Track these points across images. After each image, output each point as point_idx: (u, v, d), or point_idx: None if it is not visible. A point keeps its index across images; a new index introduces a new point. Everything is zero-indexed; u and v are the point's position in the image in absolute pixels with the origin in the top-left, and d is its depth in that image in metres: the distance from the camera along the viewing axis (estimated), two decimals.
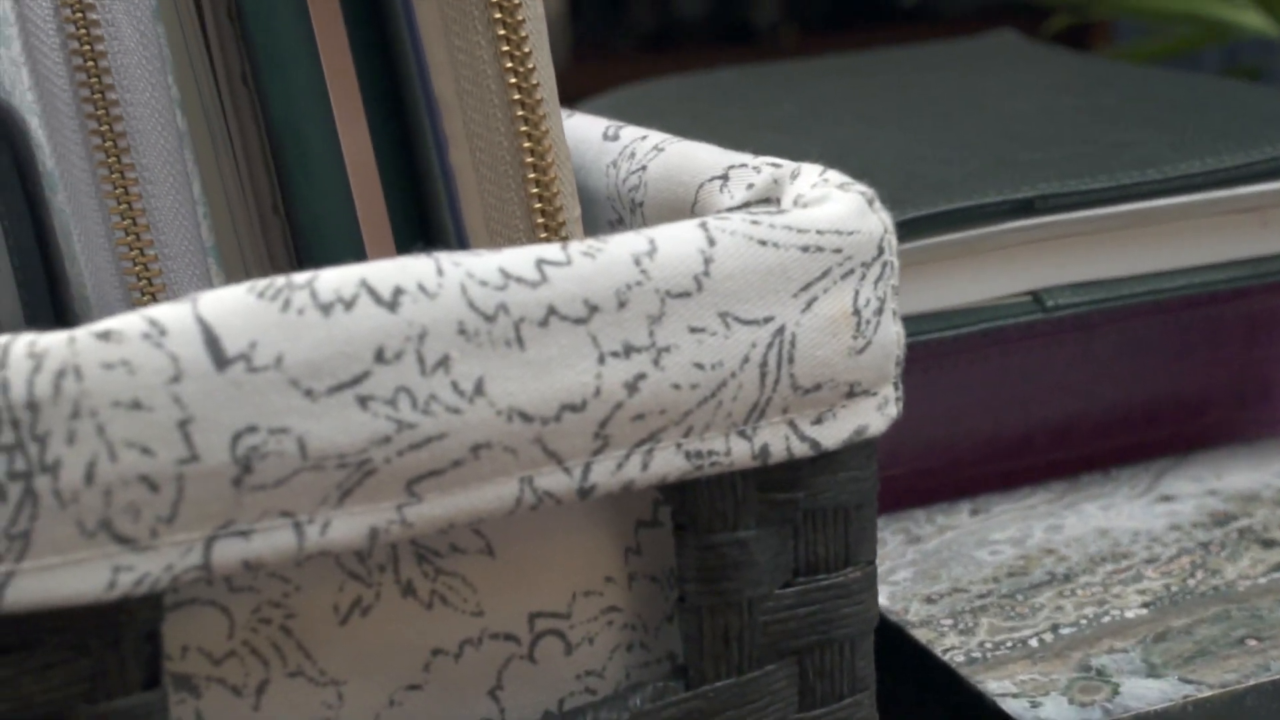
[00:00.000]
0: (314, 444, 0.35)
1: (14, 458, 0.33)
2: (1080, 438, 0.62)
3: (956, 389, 0.59)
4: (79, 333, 0.34)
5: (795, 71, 0.82)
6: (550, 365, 0.37)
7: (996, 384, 0.60)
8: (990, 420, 0.60)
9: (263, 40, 0.43)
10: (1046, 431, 0.62)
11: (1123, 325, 0.61)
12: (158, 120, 0.42)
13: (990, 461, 0.61)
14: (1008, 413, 0.60)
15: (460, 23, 0.40)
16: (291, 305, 0.35)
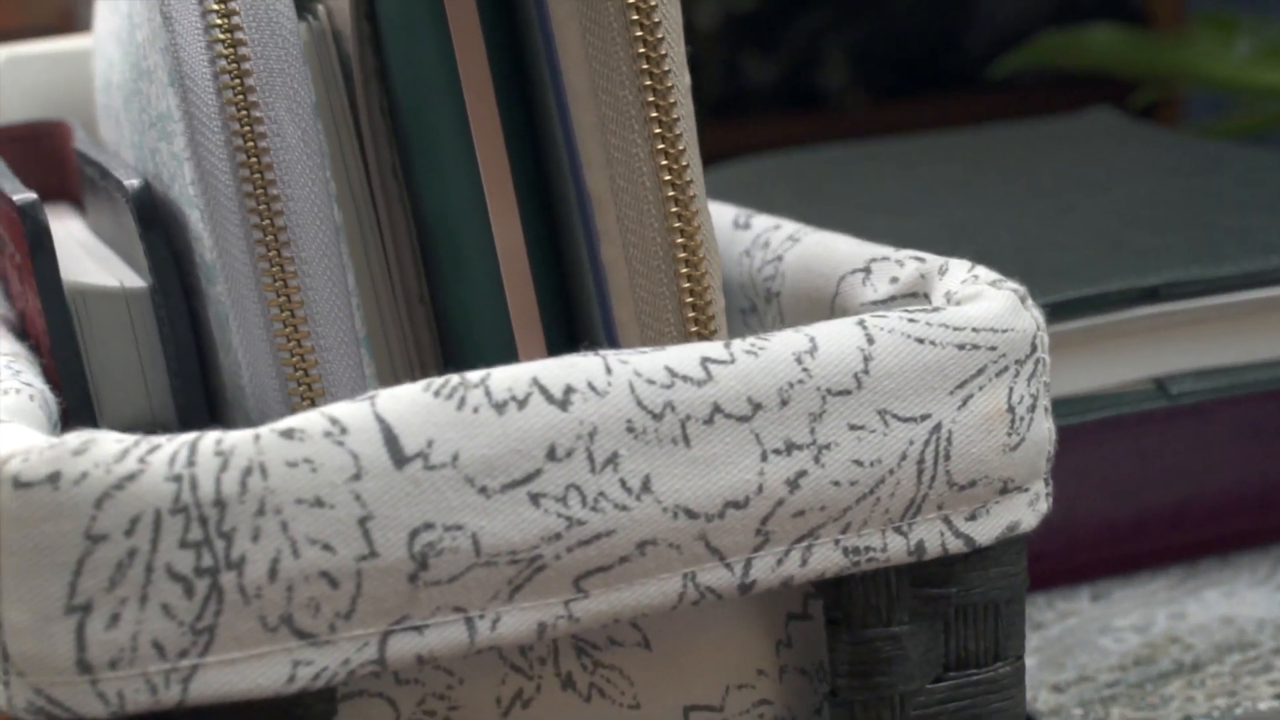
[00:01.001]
0: (487, 540, 0.35)
1: (201, 554, 0.34)
2: (1197, 522, 0.62)
3: (1073, 472, 0.60)
4: (264, 431, 0.35)
5: (898, 150, 0.82)
6: (715, 462, 0.37)
7: (1112, 467, 0.60)
8: (1107, 503, 0.60)
9: (418, 136, 0.44)
10: (1162, 515, 0.61)
11: (1240, 409, 0.61)
12: (317, 214, 0.42)
13: (1107, 545, 0.61)
14: (1124, 496, 0.60)
15: (618, 122, 0.41)
16: (467, 404, 0.36)
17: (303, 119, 0.42)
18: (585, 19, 0.41)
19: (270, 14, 0.42)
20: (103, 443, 0.34)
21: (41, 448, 0.33)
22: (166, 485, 0.34)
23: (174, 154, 0.44)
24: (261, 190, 0.42)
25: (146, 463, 0.34)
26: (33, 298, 0.45)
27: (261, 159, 0.42)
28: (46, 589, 0.33)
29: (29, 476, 0.33)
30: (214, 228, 0.42)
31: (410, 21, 0.43)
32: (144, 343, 0.47)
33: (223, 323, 0.44)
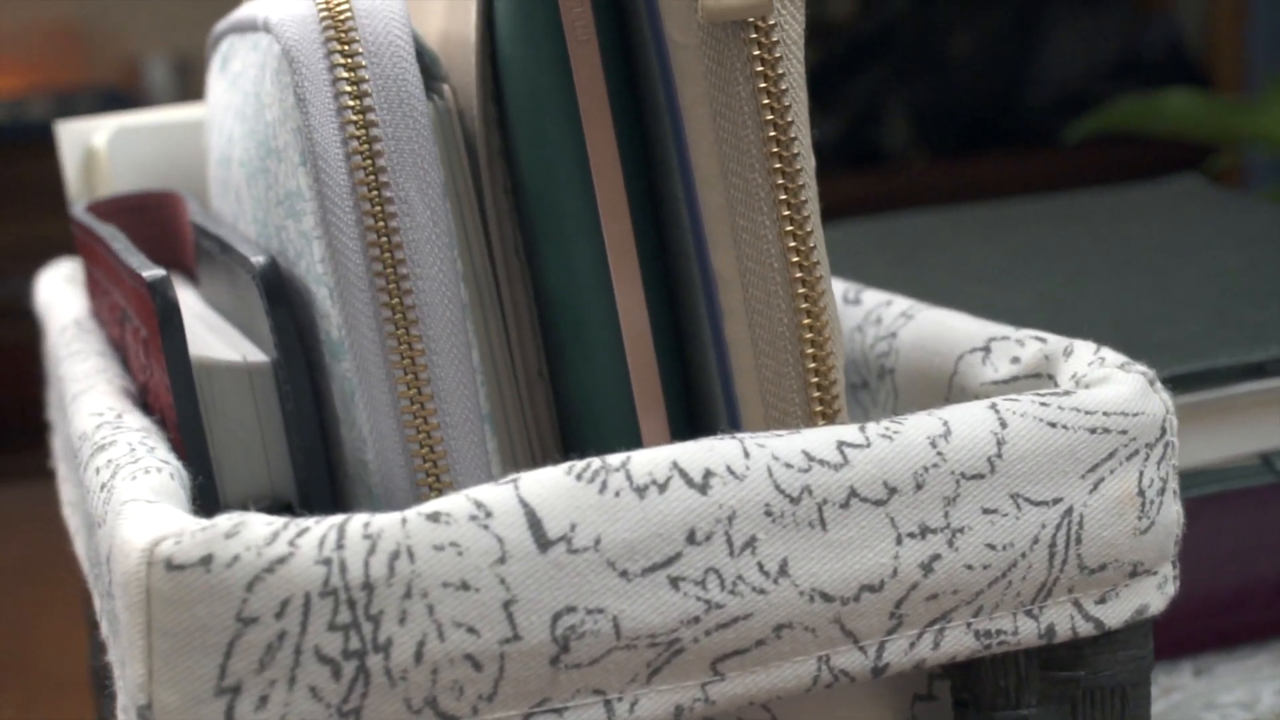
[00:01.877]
0: (628, 624, 0.36)
1: (349, 636, 0.34)
2: None
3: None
4: (410, 514, 0.35)
5: (982, 215, 0.83)
6: (850, 546, 0.37)
7: (1216, 541, 0.60)
8: (1210, 577, 0.60)
9: (544, 216, 0.44)
10: (1266, 589, 0.61)
11: None
12: (445, 292, 0.43)
13: (1210, 619, 0.61)
14: (1227, 570, 0.60)
15: (746, 204, 0.42)
16: (608, 487, 0.36)
17: (432, 198, 0.43)
18: (716, 103, 0.41)
19: (402, 95, 0.43)
20: (253, 525, 0.34)
21: (193, 530, 0.34)
22: (316, 568, 0.34)
23: (302, 232, 0.44)
24: (391, 269, 0.43)
25: (296, 546, 0.34)
26: (159, 372, 0.46)
27: (392, 238, 0.43)
28: (197, 670, 0.34)
29: (182, 559, 0.33)
30: (343, 305, 0.43)
31: (539, 105, 0.43)
32: (265, 417, 0.47)
33: (347, 399, 0.44)
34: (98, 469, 0.41)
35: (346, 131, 0.43)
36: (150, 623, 0.34)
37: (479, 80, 0.45)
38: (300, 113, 0.43)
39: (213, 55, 0.57)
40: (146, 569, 0.34)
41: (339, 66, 0.43)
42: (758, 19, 0.41)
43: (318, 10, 0.44)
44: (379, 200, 0.43)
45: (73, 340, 0.54)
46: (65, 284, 0.63)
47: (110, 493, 0.38)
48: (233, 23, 0.54)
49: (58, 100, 2.29)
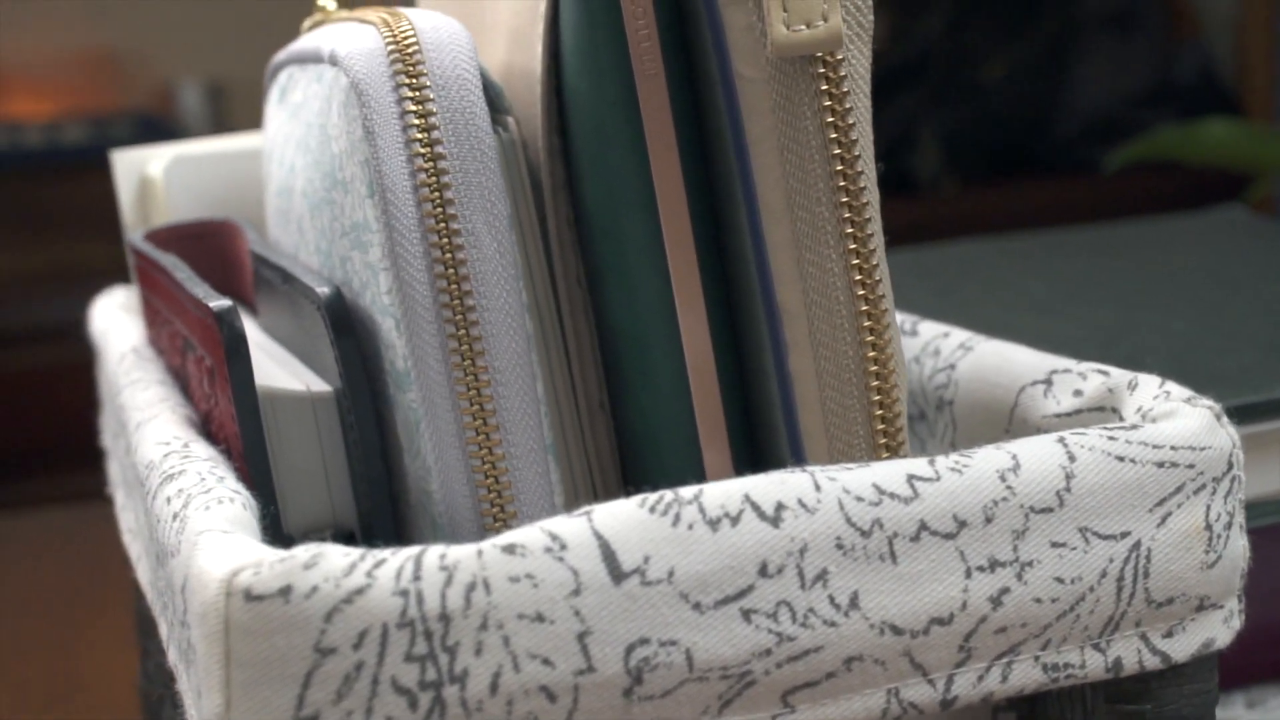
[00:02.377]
0: (700, 656, 0.36)
1: (425, 667, 0.34)
2: None
3: None
4: (486, 546, 0.35)
5: (1027, 246, 0.83)
6: (920, 579, 0.37)
7: (1269, 573, 0.60)
8: (1261, 608, 0.60)
9: (608, 247, 0.44)
10: None
11: None
12: (510, 323, 0.43)
13: (1262, 650, 0.61)
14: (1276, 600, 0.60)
15: (812, 238, 0.42)
16: (682, 520, 0.36)
17: (498, 230, 0.43)
18: (783, 137, 0.41)
19: (469, 127, 0.43)
20: (331, 556, 0.34)
21: (272, 561, 0.34)
22: (394, 600, 0.34)
23: (368, 263, 0.45)
24: (458, 300, 0.43)
25: (374, 577, 0.34)
26: (224, 401, 0.46)
27: (459, 269, 0.43)
28: (275, 701, 0.34)
29: (261, 590, 0.34)
30: (410, 336, 0.43)
31: (605, 137, 0.43)
32: (328, 446, 0.47)
33: (411, 429, 0.45)
34: (168, 498, 0.41)
35: (414, 164, 0.43)
36: (229, 653, 0.34)
37: (544, 112, 0.45)
38: (368, 145, 0.43)
39: (271, 86, 0.58)
40: (225, 599, 0.34)
41: (407, 100, 0.43)
42: (826, 54, 0.41)
43: (385, 44, 0.44)
44: (446, 232, 0.43)
45: (132, 368, 0.55)
46: (120, 311, 0.63)
47: (183, 522, 0.39)
48: (292, 54, 0.54)
49: (93, 125, 2.30)
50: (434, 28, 0.44)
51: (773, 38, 0.40)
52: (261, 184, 0.63)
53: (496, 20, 0.50)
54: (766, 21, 0.40)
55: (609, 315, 0.45)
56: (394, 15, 0.46)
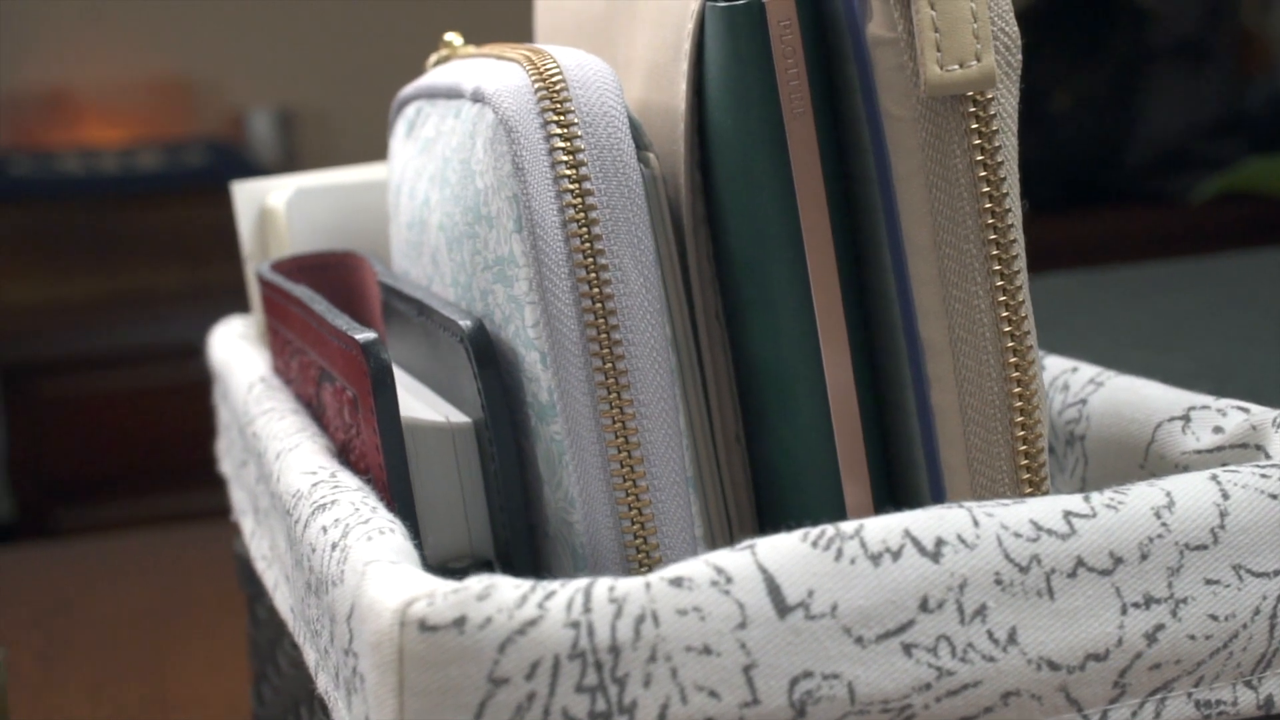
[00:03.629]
0: (862, 690, 0.36)
1: (595, 698, 0.35)
2: None
3: None
4: (653, 579, 0.36)
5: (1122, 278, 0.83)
6: (1077, 615, 0.38)
7: None
8: None
9: (751, 283, 0.45)
10: None
11: None
12: (655, 357, 0.44)
13: None
14: None
15: (959, 274, 0.42)
16: (844, 555, 0.36)
17: (644, 265, 0.44)
18: (932, 175, 0.42)
19: (616, 164, 0.44)
20: (502, 588, 0.35)
21: (445, 592, 0.35)
22: (565, 631, 0.35)
23: (513, 297, 0.45)
24: (605, 335, 0.44)
25: (545, 608, 0.35)
26: (368, 432, 0.47)
27: (606, 304, 0.44)
28: None
29: (435, 620, 0.34)
30: (556, 369, 0.44)
31: (750, 174, 0.44)
32: (466, 477, 0.48)
33: (553, 461, 0.45)
34: (324, 527, 0.42)
35: (563, 200, 0.43)
36: (402, 682, 0.34)
37: (686, 148, 0.46)
38: (517, 181, 0.44)
39: (397, 120, 0.58)
40: (399, 629, 0.34)
41: (555, 136, 0.44)
42: (977, 93, 0.41)
43: (532, 81, 0.45)
44: (594, 267, 0.43)
45: (263, 398, 0.55)
46: (240, 341, 0.64)
47: (344, 552, 0.39)
48: (421, 89, 0.55)
49: (166, 152, 2.33)
50: (579, 65, 0.45)
51: (926, 77, 0.41)
52: (385, 216, 0.64)
53: (631, 57, 0.50)
54: (920, 62, 0.41)
55: (749, 350, 0.46)
56: (537, 53, 0.46)
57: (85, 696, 0.92)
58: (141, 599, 1.10)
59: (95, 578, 1.13)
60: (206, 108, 2.55)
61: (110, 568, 1.17)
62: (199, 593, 1.11)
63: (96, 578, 1.13)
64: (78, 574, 1.09)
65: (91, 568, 0.88)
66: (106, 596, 1.10)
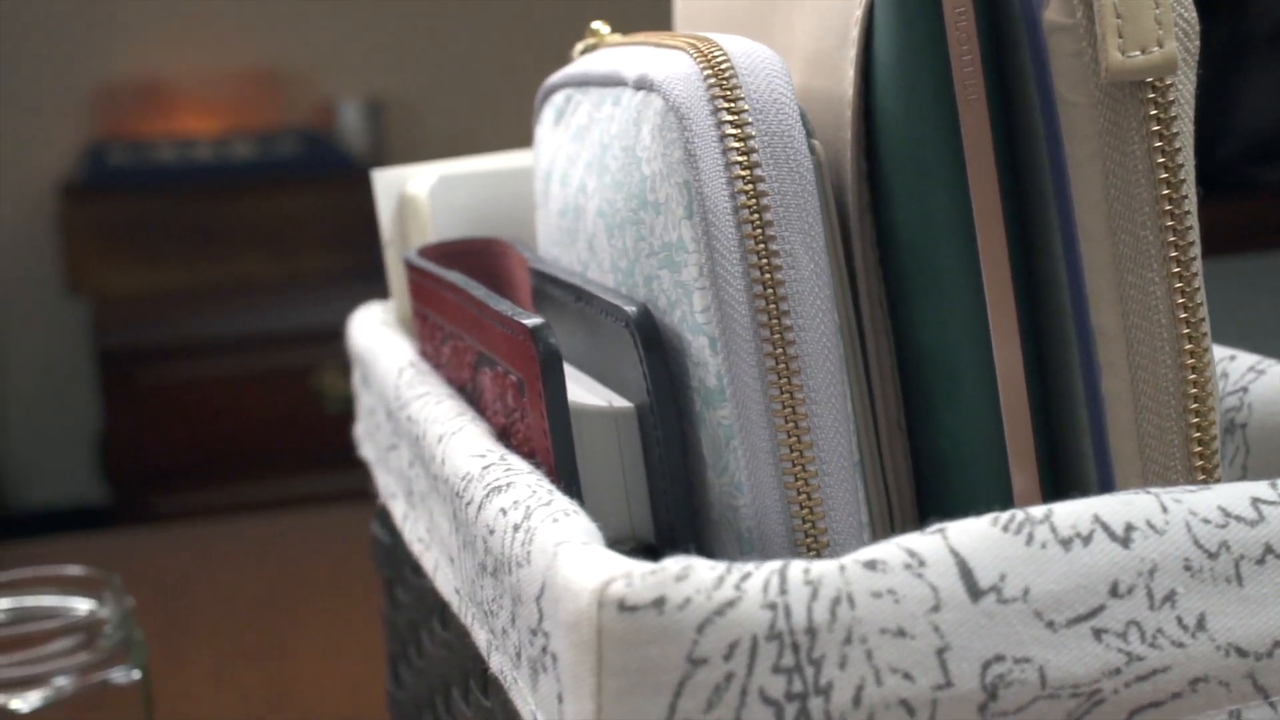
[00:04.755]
0: (1053, 674, 0.36)
1: (792, 679, 0.35)
2: None
3: None
4: (846, 561, 0.36)
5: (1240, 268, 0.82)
6: (1265, 602, 0.38)
7: None
8: None
9: (919, 270, 0.45)
10: None
11: None
12: (825, 344, 0.44)
13: None
14: None
15: (1135, 260, 0.42)
16: (1035, 539, 0.37)
17: (815, 251, 0.44)
18: (1109, 161, 0.42)
19: (787, 150, 0.44)
20: (699, 569, 0.35)
21: (643, 573, 0.35)
22: (762, 613, 0.35)
23: (680, 282, 0.46)
24: (776, 320, 0.44)
25: (742, 590, 0.35)
26: (535, 416, 0.47)
27: (777, 290, 0.44)
28: (647, 709, 0.35)
29: (634, 601, 0.35)
30: (727, 354, 0.44)
31: (921, 161, 0.44)
32: (628, 461, 0.48)
33: (720, 445, 0.45)
34: (502, 509, 0.42)
35: (735, 186, 0.44)
36: (601, 662, 0.35)
37: (853, 135, 0.46)
38: (688, 167, 0.44)
39: (543, 108, 0.59)
40: (598, 610, 0.35)
41: (726, 123, 0.44)
42: (1156, 79, 0.41)
43: (701, 68, 0.45)
44: (765, 253, 0.44)
45: (415, 382, 0.56)
46: (382, 327, 0.65)
47: (529, 534, 0.40)
48: (572, 77, 0.56)
49: (258, 142, 2.35)
50: (746, 53, 0.45)
51: (1107, 64, 0.41)
52: (527, 203, 0.65)
53: (791, 44, 0.50)
54: (1100, 47, 0.41)
55: (915, 337, 0.46)
56: (703, 40, 0.47)
57: (207, 679, 0.94)
58: (254, 583, 1.11)
59: (205, 562, 1.15)
60: (297, 98, 2.58)
61: (219, 552, 1.18)
62: (312, 577, 1.12)
63: (207, 562, 1.15)
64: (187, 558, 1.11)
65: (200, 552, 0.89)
66: (219, 580, 1.11)
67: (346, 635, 1.02)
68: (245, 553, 1.18)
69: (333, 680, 0.95)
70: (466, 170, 0.64)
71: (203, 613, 1.05)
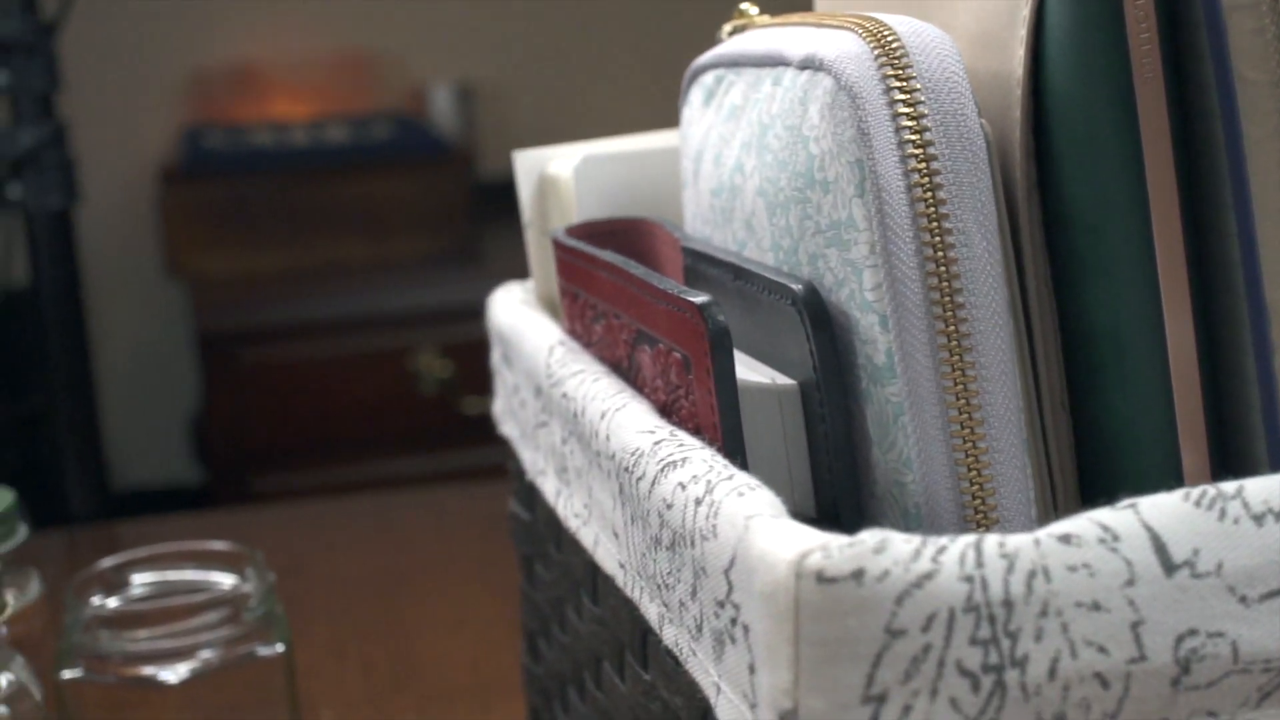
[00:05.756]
0: (1245, 648, 0.36)
1: (988, 651, 0.35)
2: None
3: None
4: (1041, 535, 0.36)
5: None
6: None
7: None
8: None
9: (1090, 249, 0.45)
10: None
11: None
12: (996, 321, 0.44)
13: None
14: None
15: None
16: (1227, 515, 0.37)
17: (987, 229, 0.44)
18: None
19: (960, 129, 0.44)
20: (895, 542, 0.36)
21: (840, 545, 0.35)
22: (960, 585, 0.35)
23: (849, 261, 0.46)
24: (948, 298, 0.44)
25: (939, 563, 0.35)
26: (701, 394, 0.48)
27: (950, 268, 0.44)
28: (845, 679, 0.35)
29: (833, 572, 0.35)
30: (898, 331, 0.44)
31: (1094, 139, 0.44)
32: (791, 438, 0.49)
33: (887, 422, 0.46)
34: (680, 484, 0.43)
35: (908, 165, 0.44)
36: (798, 632, 0.35)
37: (1023, 114, 0.46)
38: (861, 146, 0.45)
39: (691, 88, 0.59)
40: (795, 581, 0.35)
41: (899, 102, 0.44)
42: None
43: (870, 47, 0.45)
44: (939, 231, 0.44)
45: (568, 360, 0.57)
46: (524, 306, 0.66)
47: (713, 507, 0.40)
48: (724, 57, 0.56)
49: (352, 125, 2.37)
50: (915, 32, 0.46)
51: None
52: (670, 183, 0.65)
53: (950, 25, 0.51)
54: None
55: (1083, 316, 0.46)
56: (869, 19, 0.47)
57: (330, 655, 0.95)
58: (367, 561, 1.13)
59: (315, 541, 1.16)
60: (389, 83, 2.59)
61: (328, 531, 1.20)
62: (424, 555, 1.14)
63: (316, 541, 1.16)
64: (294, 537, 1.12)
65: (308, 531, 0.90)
66: (331, 559, 1.13)
67: (463, 612, 1.03)
68: (354, 531, 1.19)
69: (453, 656, 0.96)
70: (611, 150, 0.64)
71: (318, 590, 1.07)
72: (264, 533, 1.19)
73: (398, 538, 1.18)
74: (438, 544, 1.15)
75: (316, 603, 1.06)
